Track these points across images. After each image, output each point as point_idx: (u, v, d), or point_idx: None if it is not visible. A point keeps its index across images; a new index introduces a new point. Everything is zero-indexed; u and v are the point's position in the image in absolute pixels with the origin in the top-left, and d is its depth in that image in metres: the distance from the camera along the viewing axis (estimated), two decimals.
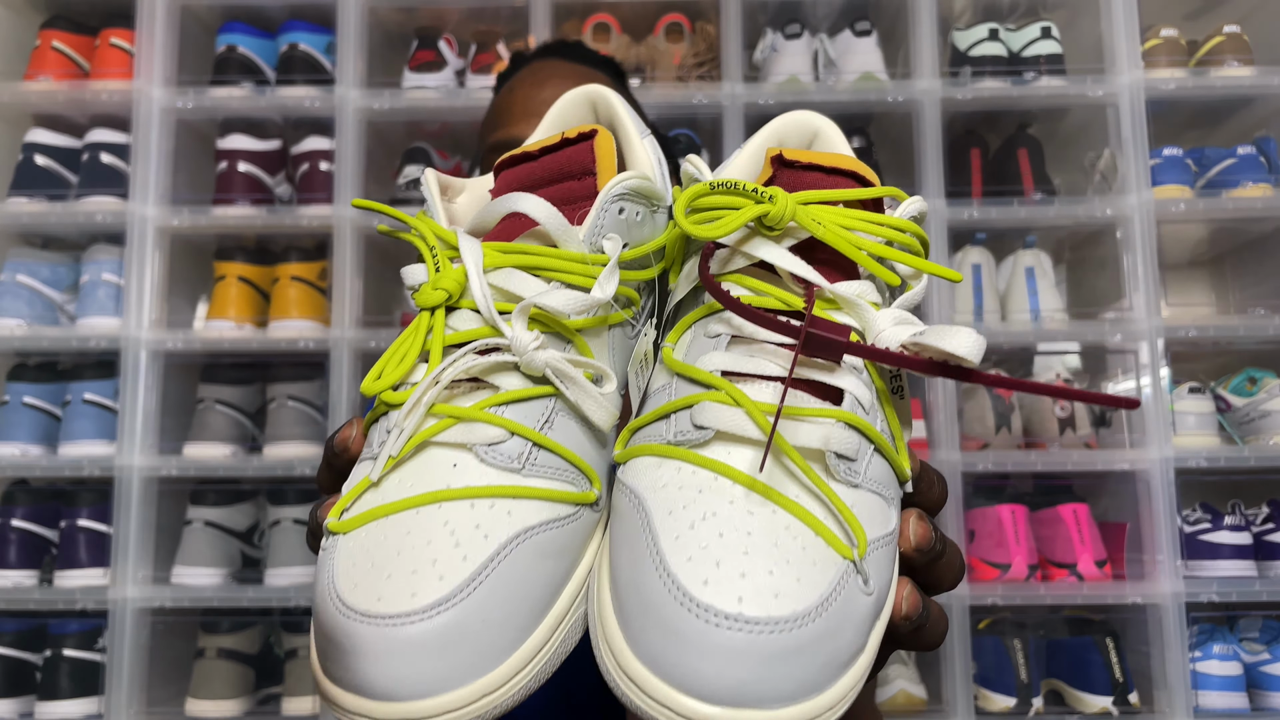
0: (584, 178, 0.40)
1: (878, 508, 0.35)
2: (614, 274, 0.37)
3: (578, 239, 0.37)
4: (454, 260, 0.37)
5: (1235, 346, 1.50)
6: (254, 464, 1.41)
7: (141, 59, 1.47)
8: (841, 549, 0.32)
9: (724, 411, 0.34)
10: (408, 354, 0.36)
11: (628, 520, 0.33)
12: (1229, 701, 1.32)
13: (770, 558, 0.30)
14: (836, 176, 0.39)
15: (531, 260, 0.36)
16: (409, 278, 0.38)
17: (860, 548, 0.32)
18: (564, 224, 0.36)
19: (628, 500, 0.34)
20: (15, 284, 1.46)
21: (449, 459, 0.34)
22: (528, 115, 0.81)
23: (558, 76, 0.84)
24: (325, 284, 1.51)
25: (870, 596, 0.32)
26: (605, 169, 0.39)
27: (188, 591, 1.37)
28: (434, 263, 0.37)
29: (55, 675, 1.34)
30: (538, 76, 0.85)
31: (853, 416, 0.34)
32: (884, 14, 1.60)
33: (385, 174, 1.61)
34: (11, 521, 1.38)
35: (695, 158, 0.41)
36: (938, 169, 1.44)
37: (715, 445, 0.34)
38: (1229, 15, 1.60)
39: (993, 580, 1.36)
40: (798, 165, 0.39)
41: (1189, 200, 1.43)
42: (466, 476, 0.34)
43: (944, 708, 1.34)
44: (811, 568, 0.31)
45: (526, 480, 0.34)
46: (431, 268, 0.37)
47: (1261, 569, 1.37)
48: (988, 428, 1.44)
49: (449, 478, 0.34)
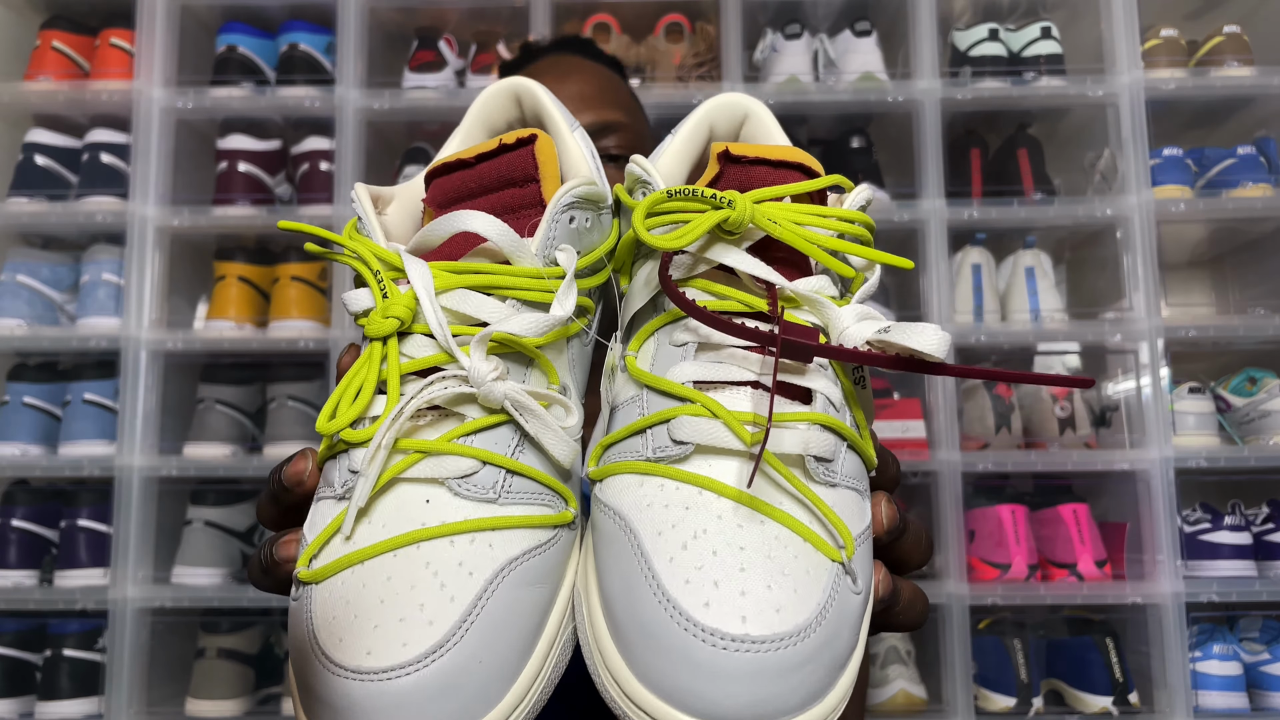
0: (526, 184, 0.38)
1: (855, 503, 0.35)
2: (571, 288, 0.35)
3: (530, 254, 0.35)
4: (399, 281, 0.35)
5: (1235, 346, 1.50)
6: (254, 464, 1.41)
7: (141, 59, 1.47)
8: (830, 552, 0.32)
9: (702, 425, 0.33)
10: (364, 387, 0.34)
11: (615, 542, 0.33)
12: (1229, 701, 1.32)
13: (766, 571, 0.30)
14: (784, 170, 0.38)
15: (485, 280, 0.35)
16: (352, 303, 0.36)
17: (848, 549, 0.32)
18: (516, 240, 0.35)
19: (612, 521, 0.33)
20: (15, 284, 1.46)
21: (421, 495, 0.33)
22: None
23: (579, 71, 0.83)
24: (325, 284, 1.51)
25: (860, 595, 0.33)
26: (549, 175, 0.38)
27: (188, 591, 1.37)
28: (379, 288, 0.35)
29: (55, 675, 1.34)
30: (559, 69, 0.84)
31: (827, 418, 0.34)
32: (884, 14, 1.60)
33: (385, 174, 1.61)
34: (11, 521, 1.38)
35: (640, 158, 0.39)
36: (938, 169, 1.44)
37: (696, 459, 0.34)
38: (1229, 15, 1.60)
39: (993, 580, 1.36)
40: (745, 160, 0.38)
41: (1189, 200, 1.43)
42: (442, 512, 0.32)
43: (944, 708, 1.34)
44: (806, 576, 0.31)
45: (504, 510, 0.33)
46: (378, 293, 0.35)
47: (1261, 569, 1.37)
48: (988, 428, 1.44)
49: (424, 515, 0.32)
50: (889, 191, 1.51)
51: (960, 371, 0.34)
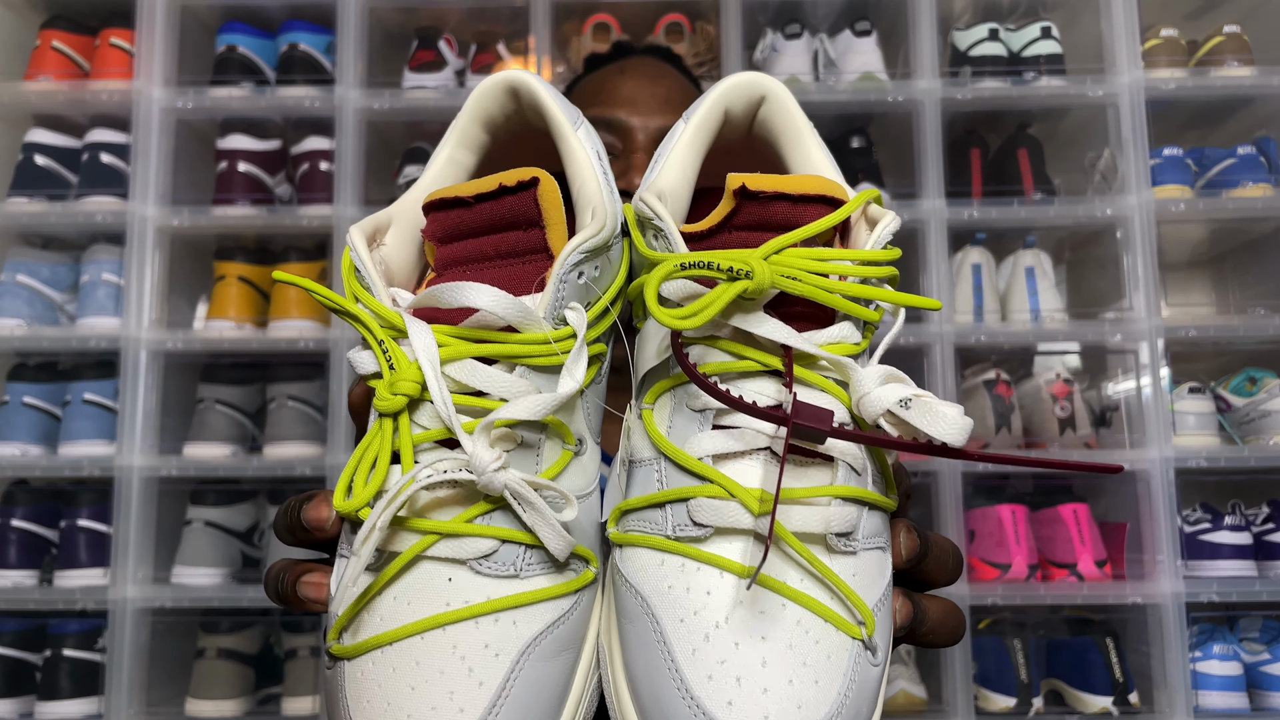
0: (530, 229, 0.37)
1: (876, 562, 0.34)
2: (582, 353, 0.34)
3: (539, 320, 0.34)
4: (400, 340, 0.34)
5: (1235, 346, 1.50)
6: (254, 464, 1.41)
7: (141, 59, 1.47)
8: (851, 630, 0.32)
9: (722, 508, 0.33)
10: (378, 460, 0.33)
11: (638, 621, 0.33)
12: (1229, 701, 1.32)
13: (788, 663, 0.30)
14: (805, 205, 0.36)
15: (492, 350, 0.34)
16: (359, 366, 0.35)
17: (869, 626, 0.32)
18: (525, 310, 0.34)
19: (635, 601, 0.33)
20: (15, 284, 1.46)
21: (443, 573, 0.33)
22: (634, 104, 0.82)
23: (666, 77, 0.86)
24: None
25: (879, 666, 0.33)
26: (554, 221, 0.36)
27: (188, 591, 1.37)
28: (384, 357, 0.34)
29: (55, 675, 1.34)
30: (651, 70, 0.87)
31: (848, 490, 0.33)
32: (884, 14, 1.60)
33: (385, 174, 1.61)
34: (11, 521, 1.38)
35: (651, 199, 0.37)
36: (938, 169, 1.44)
37: (716, 540, 0.33)
38: (1229, 15, 1.60)
39: (993, 580, 1.36)
40: (763, 196, 0.36)
41: (1189, 200, 1.43)
42: (465, 592, 0.32)
43: (944, 708, 1.34)
44: (827, 662, 0.31)
45: (526, 584, 0.33)
46: (383, 363, 0.34)
47: (1261, 569, 1.37)
48: (988, 428, 1.44)
49: (447, 594, 0.32)
50: (889, 191, 1.51)
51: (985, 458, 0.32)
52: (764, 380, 0.34)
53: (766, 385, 0.34)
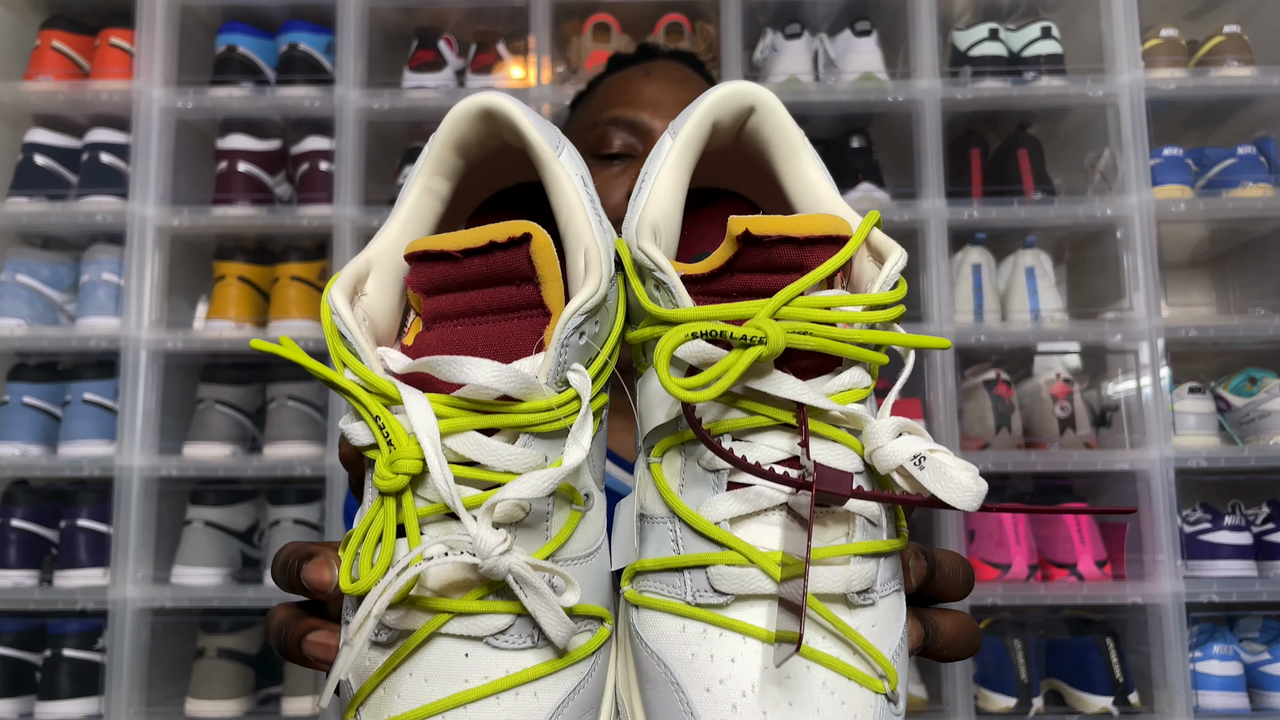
0: (523, 285, 0.35)
1: (894, 606, 0.35)
2: (588, 419, 0.33)
3: (541, 389, 0.33)
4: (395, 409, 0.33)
5: (1235, 346, 1.50)
6: (254, 464, 1.41)
7: (141, 59, 1.47)
8: (874, 685, 0.32)
9: (743, 575, 0.32)
10: (384, 541, 0.32)
11: (662, 691, 0.33)
12: (1229, 701, 1.32)
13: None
14: (810, 247, 0.35)
15: (494, 421, 0.33)
16: (353, 437, 0.34)
17: (891, 680, 0.33)
18: (529, 383, 0.32)
19: (658, 668, 0.33)
20: (15, 284, 1.46)
21: (459, 649, 0.32)
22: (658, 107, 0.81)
23: (691, 82, 0.86)
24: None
25: (900, 715, 0.33)
26: (549, 278, 0.35)
27: (188, 591, 1.37)
28: (382, 434, 0.32)
29: (55, 675, 1.34)
30: (676, 75, 0.86)
31: (867, 545, 0.33)
32: (884, 14, 1.60)
33: (385, 174, 1.61)
34: (11, 521, 1.38)
35: (649, 245, 0.36)
36: (938, 169, 1.44)
37: (737, 606, 0.33)
38: (1229, 15, 1.61)
39: (993, 580, 1.36)
40: (767, 241, 0.35)
41: (1189, 200, 1.43)
42: (484, 668, 0.32)
43: (944, 708, 1.34)
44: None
45: (544, 654, 0.32)
46: (380, 438, 0.32)
47: (1261, 569, 1.37)
48: (988, 428, 1.44)
49: (465, 671, 0.32)
50: (889, 191, 1.51)
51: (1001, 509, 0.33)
52: (776, 434, 0.34)
53: (779, 439, 0.34)
